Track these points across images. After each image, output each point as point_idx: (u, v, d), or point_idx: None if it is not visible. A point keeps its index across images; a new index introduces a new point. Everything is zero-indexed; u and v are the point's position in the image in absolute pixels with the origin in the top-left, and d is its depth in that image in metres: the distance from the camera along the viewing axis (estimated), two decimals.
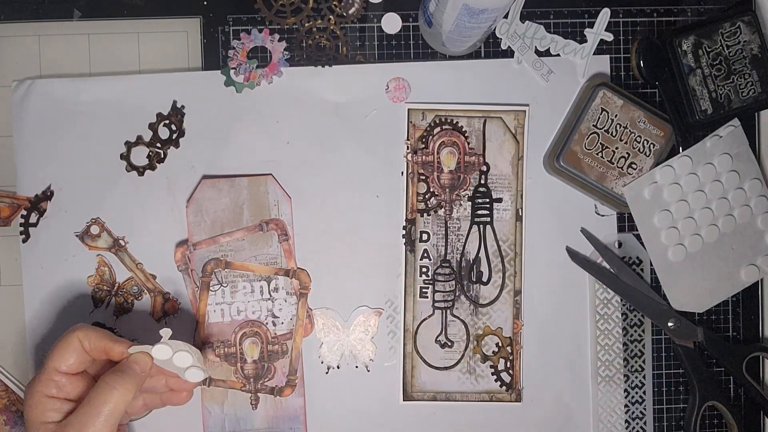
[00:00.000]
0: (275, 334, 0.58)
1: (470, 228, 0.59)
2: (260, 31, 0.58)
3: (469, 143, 0.59)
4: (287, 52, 0.58)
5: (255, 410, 0.58)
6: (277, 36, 0.58)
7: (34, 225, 0.58)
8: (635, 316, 0.59)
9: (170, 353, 0.50)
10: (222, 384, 0.58)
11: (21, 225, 0.57)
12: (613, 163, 0.57)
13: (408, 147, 0.59)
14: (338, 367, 0.58)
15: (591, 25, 0.59)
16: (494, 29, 0.58)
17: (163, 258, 0.58)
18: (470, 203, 0.59)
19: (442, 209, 0.59)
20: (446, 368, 0.59)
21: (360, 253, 0.58)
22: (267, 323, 0.58)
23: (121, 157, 0.58)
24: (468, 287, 0.59)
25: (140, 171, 0.58)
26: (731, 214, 0.58)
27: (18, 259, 0.58)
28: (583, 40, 0.59)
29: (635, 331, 0.59)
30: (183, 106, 0.58)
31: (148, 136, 0.58)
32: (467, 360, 0.59)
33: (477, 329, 0.59)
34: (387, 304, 0.59)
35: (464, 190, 0.59)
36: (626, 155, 0.57)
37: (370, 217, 0.58)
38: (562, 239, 0.59)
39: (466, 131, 0.59)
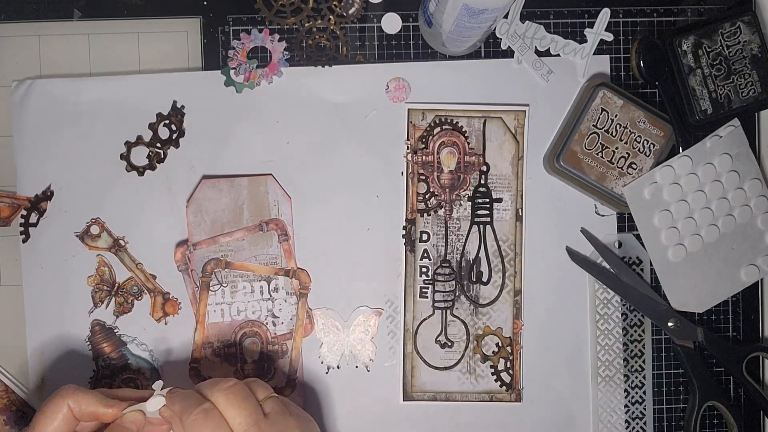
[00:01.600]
0: (275, 334, 0.58)
1: (470, 228, 0.59)
2: (260, 31, 0.58)
3: (469, 143, 0.59)
4: (287, 52, 0.58)
5: None
6: (277, 36, 0.58)
7: (34, 225, 0.58)
8: (635, 316, 0.59)
9: (162, 402, 0.50)
10: None
11: (21, 225, 0.57)
12: (613, 163, 0.57)
13: (408, 147, 0.59)
14: (338, 367, 0.58)
15: (591, 25, 0.59)
16: (494, 29, 0.58)
17: (163, 258, 0.58)
18: (470, 203, 0.59)
19: (442, 209, 0.59)
20: (446, 368, 0.59)
21: (360, 253, 0.58)
22: (267, 323, 0.58)
23: (121, 157, 0.58)
24: (468, 287, 0.59)
25: (140, 171, 0.58)
26: (731, 214, 0.58)
27: (18, 259, 0.58)
28: (583, 40, 0.59)
29: (635, 331, 0.60)
30: (183, 106, 0.58)
31: (148, 136, 0.58)
32: (467, 360, 0.59)
33: (477, 329, 0.59)
34: (387, 304, 0.59)
35: (464, 190, 0.59)
36: (626, 155, 0.57)
37: (370, 217, 0.58)
38: (562, 239, 0.59)
39: (466, 131, 0.59)
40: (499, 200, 0.59)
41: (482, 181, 0.59)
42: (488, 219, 0.59)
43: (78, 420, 0.49)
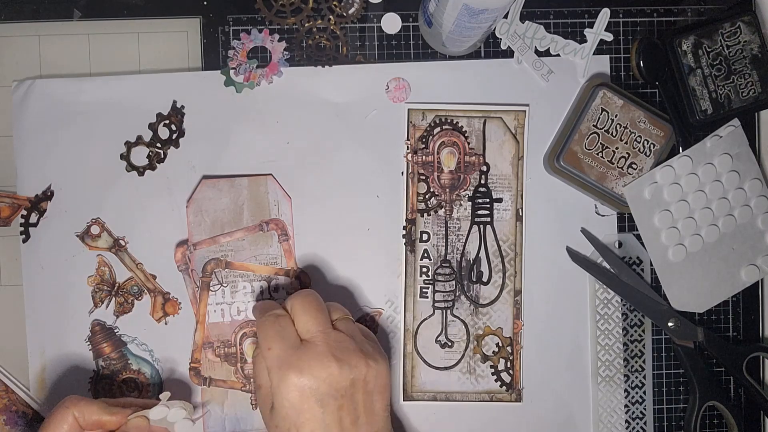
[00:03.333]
0: None
1: (470, 228, 0.59)
2: (260, 31, 0.58)
3: (469, 143, 0.59)
4: (287, 52, 0.58)
5: (255, 410, 0.58)
6: (277, 36, 0.58)
7: (34, 225, 0.58)
8: (635, 316, 0.59)
9: (166, 412, 0.51)
10: (222, 384, 0.58)
11: (21, 225, 0.57)
12: (613, 163, 0.57)
13: (408, 147, 0.59)
14: None
15: (591, 25, 0.59)
16: (494, 29, 0.58)
17: (163, 258, 0.58)
18: (470, 203, 0.59)
19: (442, 209, 0.59)
20: (446, 368, 0.59)
21: (360, 253, 0.58)
22: None
23: (121, 157, 0.58)
24: (468, 287, 0.59)
25: (140, 171, 0.58)
26: (731, 214, 0.58)
27: (18, 259, 0.58)
28: (583, 40, 0.59)
29: (635, 331, 0.60)
30: (183, 106, 0.58)
31: (148, 136, 0.58)
32: (467, 360, 0.59)
33: (477, 329, 0.59)
34: (387, 304, 0.59)
35: (464, 190, 0.59)
36: (626, 155, 0.57)
37: (370, 217, 0.58)
38: (562, 239, 0.59)
39: (466, 131, 0.59)
40: (499, 200, 0.59)
41: (482, 181, 0.59)
42: (488, 219, 0.59)
43: (83, 429, 0.50)
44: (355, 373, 0.48)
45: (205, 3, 0.58)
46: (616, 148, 0.57)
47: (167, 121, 0.58)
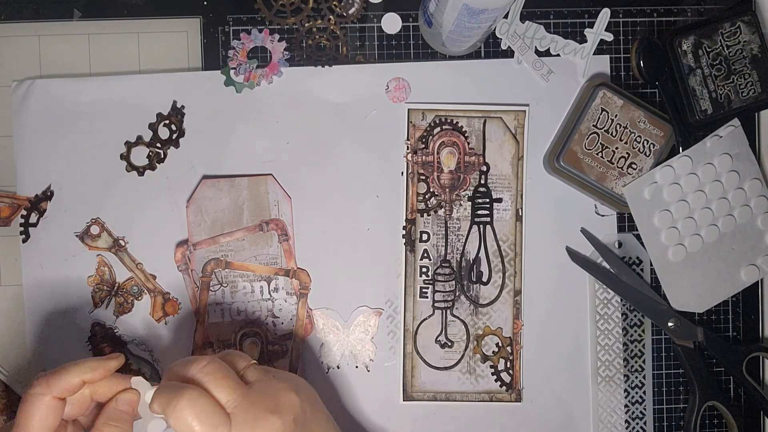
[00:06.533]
0: (275, 334, 0.58)
1: (470, 228, 0.59)
2: (260, 31, 0.58)
3: (469, 143, 0.59)
4: (287, 52, 0.58)
5: None
6: (277, 36, 0.58)
7: (34, 225, 0.58)
8: (635, 316, 0.59)
9: (148, 387, 0.48)
10: None
11: (21, 225, 0.57)
12: (613, 163, 0.57)
13: (408, 147, 0.59)
14: (338, 367, 0.58)
15: (591, 25, 0.59)
16: (494, 29, 0.58)
17: (163, 258, 0.58)
18: (470, 203, 0.59)
19: (442, 209, 0.59)
20: (446, 368, 0.59)
21: (360, 253, 0.58)
22: (267, 323, 0.58)
23: (121, 157, 0.58)
24: (468, 287, 0.59)
25: (140, 171, 0.58)
26: (731, 214, 0.58)
27: (18, 259, 0.58)
28: (583, 40, 0.59)
29: (635, 331, 0.60)
30: (183, 106, 0.58)
31: (148, 136, 0.58)
32: (467, 360, 0.59)
33: (477, 329, 0.59)
34: (387, 304, 0.59)
35: (464, 190, 0.59)
36: (626, 155, 0.57)
37: (370, 217, 0.58)
38: (562, 239, 0.59)
39: (466, 131, 0.59)
40: (499, 200, 0.59)
41: (482, 181, 0.59)
42: (488, 219, 0.59)
43: (65, 398, 0.46)
44: (294, 412, 0.46)
45: (205, 3, 0.58)
46: (616, 148, 0.57)
47: (167, 121, 0.58)
